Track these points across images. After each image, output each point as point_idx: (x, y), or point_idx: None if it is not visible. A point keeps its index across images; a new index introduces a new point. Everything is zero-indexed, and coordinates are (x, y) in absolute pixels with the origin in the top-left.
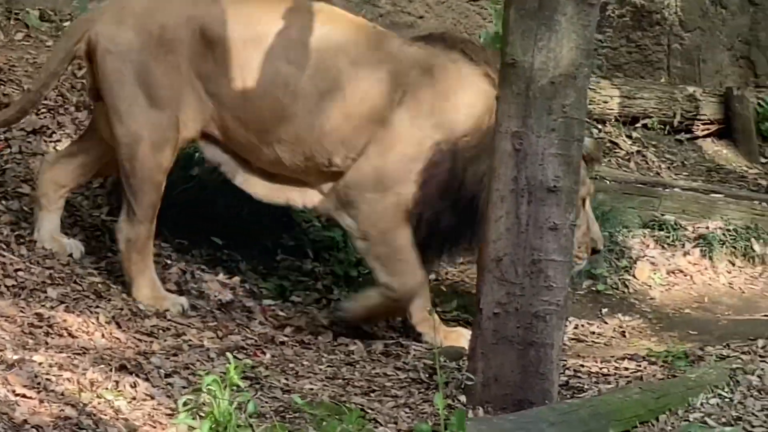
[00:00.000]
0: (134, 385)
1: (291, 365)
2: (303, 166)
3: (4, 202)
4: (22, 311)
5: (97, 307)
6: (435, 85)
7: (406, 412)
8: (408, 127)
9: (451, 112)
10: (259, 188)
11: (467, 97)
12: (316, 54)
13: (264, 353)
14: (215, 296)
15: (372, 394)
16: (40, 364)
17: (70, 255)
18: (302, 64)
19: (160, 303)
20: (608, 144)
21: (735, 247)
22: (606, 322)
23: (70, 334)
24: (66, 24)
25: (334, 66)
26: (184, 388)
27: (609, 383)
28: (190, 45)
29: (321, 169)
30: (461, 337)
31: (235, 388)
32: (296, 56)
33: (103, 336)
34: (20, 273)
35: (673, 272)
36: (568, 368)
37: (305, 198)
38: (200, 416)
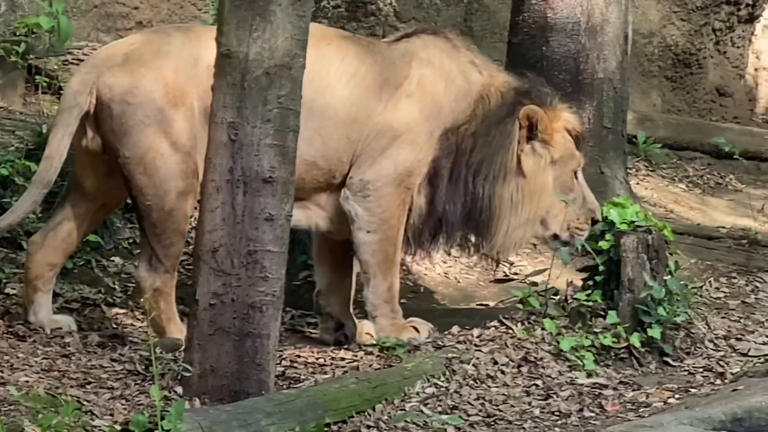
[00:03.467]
0: None
1: (6, 357)
2: (315, 182)
3: None
4: None
5: None
6: (435, 75)
7: (123, 404)
8: (420, 121)
9: (453, 102)
10: None
11: (464, 86)
12: (328, 72)
13: None
14: None
15: (88, 386)
16: None
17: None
18: (319, 84)
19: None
20: None
21: None
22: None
23: None
24: None
25: (344, 80)
26: None
27: (325, 373)
28: (198, 82)
29: (330, 181)
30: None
31: None
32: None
33: None
34: None
35: None
36: (284, 358)
37: (309, 217)
38: None
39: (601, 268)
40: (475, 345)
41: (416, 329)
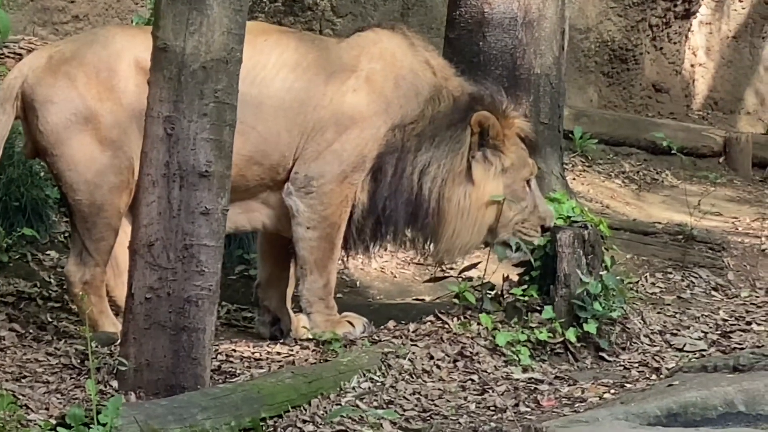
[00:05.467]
0: None
1: None
2: (258, 178)
3: None
4: None
5: None
6: (385, 70)
7: (58, 398)
8: (367, 116)
9: (402, 99)
10: None
11: (414, 84)
12: (264, 65)
13: None
14: None
15: (23, 380)
16: None
17: None
18: (254, 77)
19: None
20: None
21: None
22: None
23: None
24: None
25: (283, 73)
26: None
27: (261, 368)
28: (126, 78)
29: (275, 178)
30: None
31: None
32: (247, 71)
33: None
34: None
35: None
36: (220, 353)
37: (253, 219)
38: None
39: (537, 263)
40: (411, 340)
41: (351, 324)
